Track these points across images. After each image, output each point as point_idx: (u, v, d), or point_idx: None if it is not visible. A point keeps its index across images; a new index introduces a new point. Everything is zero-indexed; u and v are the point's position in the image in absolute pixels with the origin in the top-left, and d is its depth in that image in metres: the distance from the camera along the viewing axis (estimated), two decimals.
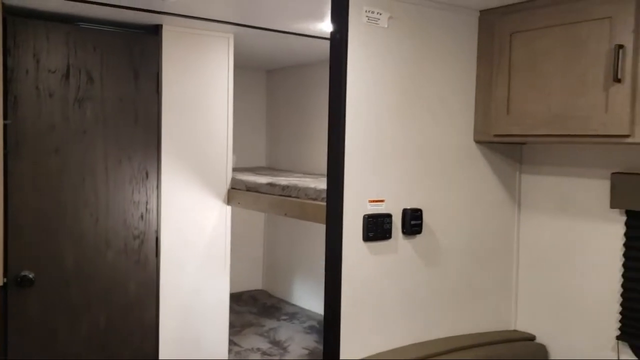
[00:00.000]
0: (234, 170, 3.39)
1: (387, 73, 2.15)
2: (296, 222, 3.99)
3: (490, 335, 2.48)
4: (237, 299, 4.32)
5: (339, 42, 2.05)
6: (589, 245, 2.33)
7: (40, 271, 2.73)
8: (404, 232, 2.22)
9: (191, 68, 3.09)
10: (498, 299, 2.56)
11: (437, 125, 2.30)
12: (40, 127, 2.71)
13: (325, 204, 2.16)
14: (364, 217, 2.11)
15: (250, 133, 4.55)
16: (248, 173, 3.68)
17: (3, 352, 2.67)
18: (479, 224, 2.46)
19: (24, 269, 2.69)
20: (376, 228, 2.14)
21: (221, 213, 3.26)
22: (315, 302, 4.09)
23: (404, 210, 2.22)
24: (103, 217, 2.88)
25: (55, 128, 2.74)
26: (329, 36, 2.10)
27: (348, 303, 2.10)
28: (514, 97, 2.22)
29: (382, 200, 2.16)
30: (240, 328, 3.82)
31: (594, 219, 2.31)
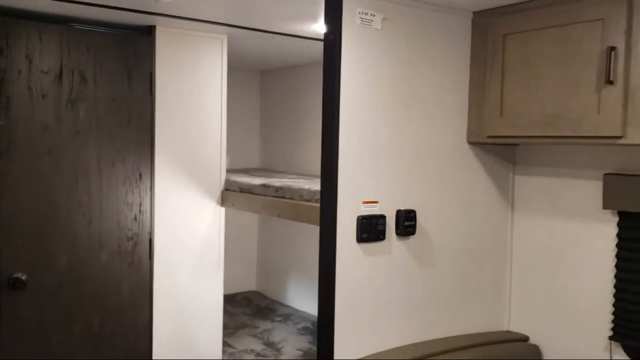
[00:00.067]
0: (227, 171, 3.38)
1: (381, 74, 2.15)
2: (290, 224, 3.99)
3: (483, 335, 2.49)
4: (231, 300, 4.31)
5: (332, 44, 2.05)
6: (582, 246, 2.34)
7: (33, 273, 2.72)
8: (397, 233, 2.23)
9: (185, 69, 3.08)
10: (492, 300, 2.56)
11: (431, 126, 2.31)
12: (33, 128, 2.69)
13: (319, 205, 2.16)
14: (357, 219, 2.11)
15: (244, 134, 4.55)
16: (242, 174, 3.68)
17: None
18: (473, 225, 2.47)
19: (16, 270, 2.67)
20: (370, 229, 2.14)
21: (215, 214, 3.26)
22: (309, 303, 4.08)
23: (398, 212, 2.22)
24: (96, 219, 2.87)
25: (48, 129, 2.73)
26: (323, 37, 2.10)
27: (342, 304, 2.10)
28: (507, 99, 2.22)
29: (376, 202, 2.17)
30: (234, 329, 3.81)
31: (586, 220, 2.32)
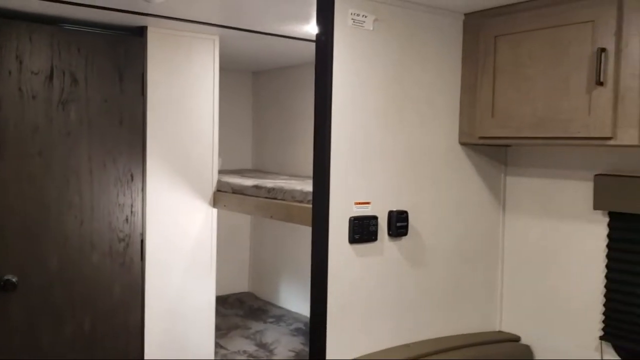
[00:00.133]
0: (219, 172, 3.37)
1: (373, 75, 2.15)
2: (282, 225, 3.99)
3: (475, 336, 2.50)
4: (224, 301, 4.30)
5: (324, 45, 2.05)
6: (573, 246, 2.35)
7: (24, 274, 2.70)
8: (389, 234, 2.23)
9: (176, 70, 3.07)
10: (483, 300, 2.57)
11: (423, 127, 2.31)
12: (23, 129, 2.67)
13: (311, 206, 2.16)
14: (350, 220, 2.11)
15: (236, 135, 4.54)
16: (234, 175, 3.67)
17: None
18: (465, 226, 2.47)
19: (6, 272, 2.65)
20: (362, 230, 2.14)
21: (207, 215, 3.25)
22: (301, 305, 4.08)
23: (390, 212, 2.22)
24: (88, 220, 2.86)
25: (39, 130, 2.71)
26: (315, 38, 2.10)
27: (334, 305, 2.10)
28: (499, 100, 2.23)
29: (368, 203, 2.17)
30: (226, 331, 3.80)
31: (577, 221, 2.33)
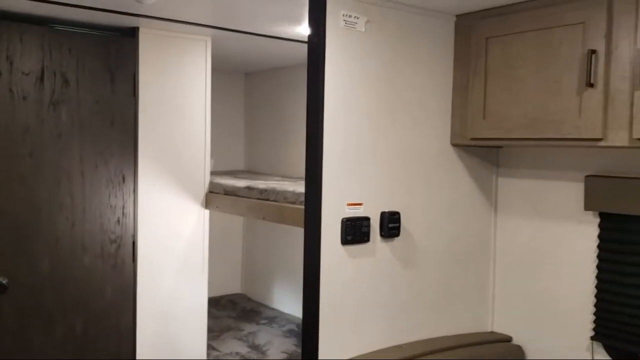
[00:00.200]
0: (212, 173, 3.37)
1: (365, 76, 2.16)
2: (275, 226, 3.98)
3: (468, 337, 2.50)
4: (216, 303, 4.29)
5: (316, 46, 2.05)
6: (564, 247, 2.36)
7: (14, 276, 2.68)
8: (382, 235, 2.23)
9: (168, 71, 3.06)
10: (475, 301, 2.58)
11: (415, 128, 2.32)
12: (14, 130, 2.66)
13: (303, 207, 2.16)
14: (342, 221, 2.12)
15: (229, 136, 4.53)
16: (226, 176, 3.66)
17: None
18: (457, 227, 2.48)
19: None
20: (354, 231, 2.14)
21: (199, 217, 3.24)
22: (294, 306, 4.08)
23: (382, 214, 2.23)
24: (79, 221, 2.85)
25: (30, 131, 2.70)
26: (307, 40, 2.10)
27: (327, 306, 2.10)
28: (490, 101, 2.24)
29: (361, 204, 2.17)
30: (218, 332, 3.79)
31: (568, 221, 2.34)
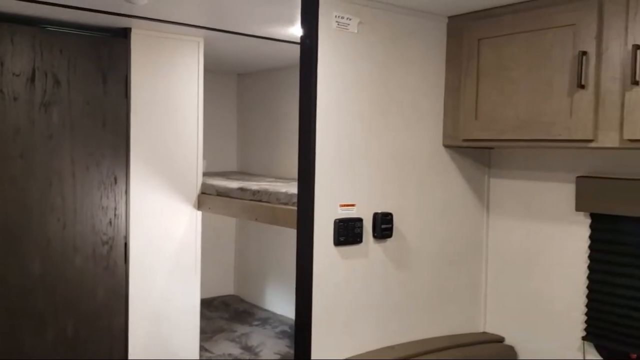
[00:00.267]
0: (204, 174, 3.36)
1: (357, 78, 2.16)
2: (268, 227, 3.98)
3: (460, 337, 2.51)
4: (209, 304, 4.28)
5: (309, 47, 2.05)
6: (556, 247, 2.37)
7: (5, 278, 2.67)
8: (374, 236, 2.23)
9: (161, 72, 3.06)
10: (468, 302, 2.58)
11: (407, 129, 2.32)
12: (4, 131, 2.65)
13: (296, 208, 2.16)
14: (334, 222, 2.11)
15: (221, 137, 4.53)
16: (219, 178, 3.66)
17: None
18: (449, 228, 2.48)
19: None
20: (347, 232, 2.14)
21: (191, 218, 3.23)
22: (287, 307, 4.07)
23: (375, 215, 2.23)
24: (70, 223, 2.83)
25: (20, 132, 2.69)
26: (299, 41, 2.10)
27: (319, 307, 2.10)
28: (482, 102, 2.24)
29: (353, 205, 2.17)
30: (211, 334, 3.78)
31: (560, 222, 2.35)
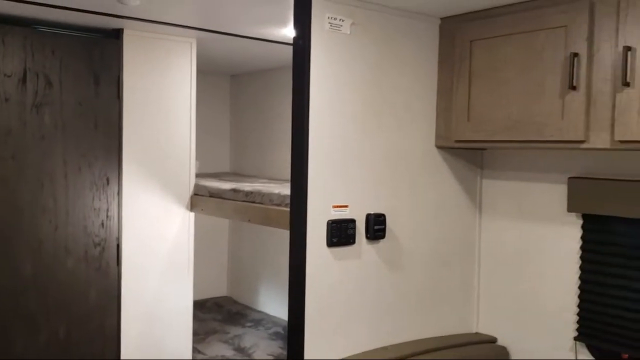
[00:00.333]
0: (197, 176, 3.36)
1: (350, 79, 2.16)
2: (261, 228, 3.97)
3: (453, 338, 2.51)
4: (202, 306, 4.27)
5: (301, 48, 2.05)
6: (548, 248, 2.38)
7: None
8: (367, 237, 2.23)
9: (153, 73, 3.05)
10: (460, 303, 2.59)
11: (400, 130, 2.32)
12: None
13: (289, 209, 2.16)
14: (327, 223, 2.11)
15: (214, 138, 4.52)
16: (212, 179, 3.65)
17: None
18: (442, 229, 2.49)
19: None
20: (340, 233, 2.14)
21: (184, 219, 3.23)
22: (280, 308, 4.07)
23: (368, 216, 2.23)
24: (62, 224, 2.82)
25: (12, 133, 2.67)
26: (292, 42, 2.10)
27: (312, 308, 2.10)
28: (474, 104, 2.25)
29: (346, 206, 2.17)
30: (204, 335, 3.78)
31: (552, 223, 2.36)
